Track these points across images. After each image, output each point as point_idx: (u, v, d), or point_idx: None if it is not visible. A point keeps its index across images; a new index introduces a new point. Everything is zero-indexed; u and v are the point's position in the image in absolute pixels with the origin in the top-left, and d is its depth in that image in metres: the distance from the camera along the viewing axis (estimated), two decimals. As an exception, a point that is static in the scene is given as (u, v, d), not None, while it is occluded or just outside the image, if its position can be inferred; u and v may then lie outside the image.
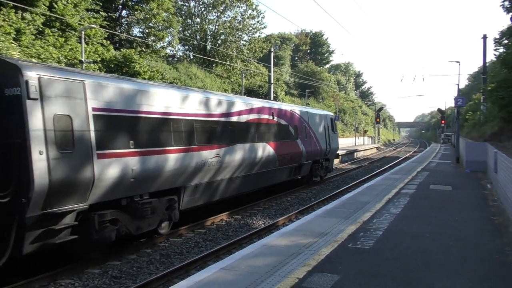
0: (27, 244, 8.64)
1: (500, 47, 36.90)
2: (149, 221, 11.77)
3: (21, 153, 8.46)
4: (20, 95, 8.51)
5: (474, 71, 79.05)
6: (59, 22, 25.21)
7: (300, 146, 21.81)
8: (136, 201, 11.27)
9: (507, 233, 10.04)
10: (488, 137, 28.21)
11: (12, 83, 8.58)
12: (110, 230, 10.38)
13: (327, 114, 27.53)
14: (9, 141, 8.63)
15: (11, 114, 8.64)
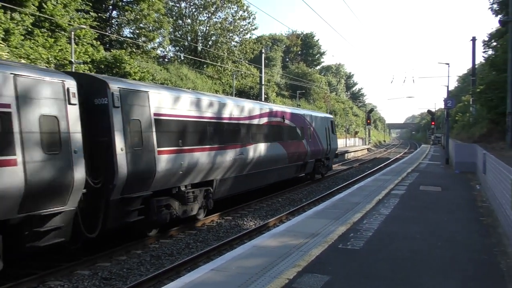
0: (110, 221, 11.06)
1: (489, 49, 37.27)
2: (192, 207, 14.30)
3: (108, 149, 10.95)
4: (107, 104, 11.02)
5: (464, 73, 79.70)
6: (49, 23, 25.05)
7: (306, 146, 24.13)
8: (183, 190, 13.78)
9: (495, 233, 10.13)
10: (477, 139, 28.44)
11: (100, 94, 11.04)
12: (166, 213, 12.93)
13: (328, 116, 30.40)
14: (98, 139, 10.99)
15: (100, 119, 11.03)
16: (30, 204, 8.96)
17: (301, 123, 23.95)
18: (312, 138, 25.33)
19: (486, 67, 29.66)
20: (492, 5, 34.53)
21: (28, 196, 8.84)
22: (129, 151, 11.32)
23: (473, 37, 40.26)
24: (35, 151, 9.09)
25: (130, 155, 11.34)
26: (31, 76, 9.29)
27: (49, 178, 9.32)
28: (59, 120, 9.74)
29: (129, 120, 11.48)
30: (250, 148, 17.78)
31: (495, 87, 22.50)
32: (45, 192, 9.25)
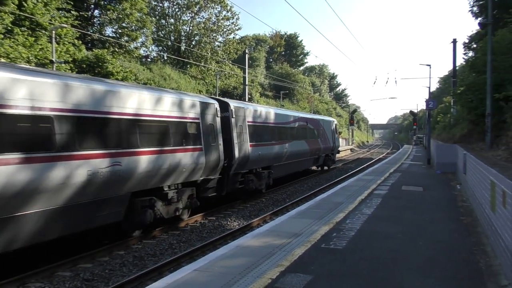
0: (229, 187, 17.88)
1: (469, 51, 37.79)
2: (261, 182, 20.98)
3: (229, 143, 17.55)
4: (228, 116, 17.78)
5: (445, 74, 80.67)
6: (29, 21, 24.68)
7: (320, 143, 31.16)
8: (259, 171, 20.66)
9: (475, 233, 10.29)
10: (458, 139, 28.82)
11: (225, 110, 17.77)
12: (252, 184, 19.74)
13: (333, 120, 38.09)
14: (225, 137, 17.11)
15: (225, 125, 17.36)
16: (206, 173, 15.63)
17: (316, 126, 30.99)
18: (324, 137, 32.35)
19: (466, 69, 30.06)
20: (472, 8, 35.07)
21: (206, 168, 15.45)
22: (238, 144, 18.07)
23: (454, 39, 40.83)
24: (208, 143, 15.57)
25: (238, 146, 18.08)
26: (204, 101, 15.97)
27: (213, 158, 15.87)
28: (214, 126, 16.28)
29: (237, 125, 18.34)
30: (291, 144, 24.87)
31: (475, 89, 22.80)
32: (211, 166, 15.85)
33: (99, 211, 10.97)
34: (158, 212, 13.19)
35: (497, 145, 18.61)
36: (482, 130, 21.57)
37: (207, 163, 15.31)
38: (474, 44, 35.14)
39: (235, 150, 17.66)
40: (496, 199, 8.24)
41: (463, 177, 17.74)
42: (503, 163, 12.98)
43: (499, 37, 20.82)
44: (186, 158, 14.13)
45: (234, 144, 17.67)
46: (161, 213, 13.32)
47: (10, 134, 8.66)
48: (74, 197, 10.00)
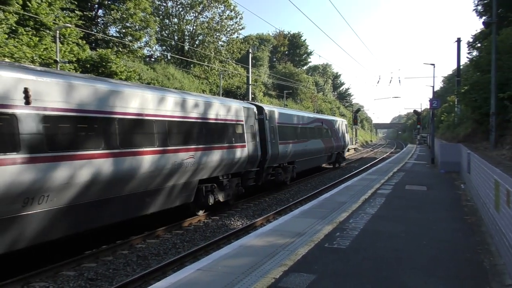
0: (263, 179, 21.02)
1: (473, 51, 37.67)
2: (286, 175, 24.27)
3: (263, 141, 20.65)
4: (263, 118, 20.96)
5: (449, 74, 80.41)
6: (33, 21, 24.74)
7: (333, 142, 34.29)
8: (285, 166, 23.83)
9: (479, 232, 10.26)
10: (462, 138, 28.72)
11: (261, 113, 20.86)
12: (280, 177, 22.89)
13: (344, 120, 41.69)
14: (261, 137, 20.43)
15: (260, 126, 20.65)
16: (248, 166, 18.90)
17: (330, 126, 34.13)
18: (336, 136, 35.49)
19: (471, 68, 29.95)
20: (477, 7, 34.99)
21: (248, 162, 18.73)
22: (270, 142, 21.29)
23: (458, 38, 40.62)
24: (249, 141, 18.87)
25: (271, 144, 21.27)
26: (247, 106, 19.28)
27: (253, 154, 19.11)
28: (253, 126, 19.54)
29: (270, 126, 21.65)
30: (310, 142, 28.37)
31: (479, 88, 22.70)
32: (251, 160, 19.07)
33: (181, 193, 14.23)
34: (216, 196, 16.38)
35: (501, 144, 18.54)
36: (486, 129, 21.48)
37: (249, 157, 18.67)
38: (478, 43, 35.03)
39: (268, 147, 20.99)
40: (500, 199, 8.22)
41: (467, 176, 17.69)
42: (508, 163, 12.93)
43: (504, 36, 20.74)
44: (236, 153, 17.59)
45: (268, 142, 20.98)
46: (218, 197, 16.53)
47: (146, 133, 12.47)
48: (167, 181, 13.25)
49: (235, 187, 18.13)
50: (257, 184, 20.78)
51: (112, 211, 11.31)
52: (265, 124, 21.11)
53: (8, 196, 8.43)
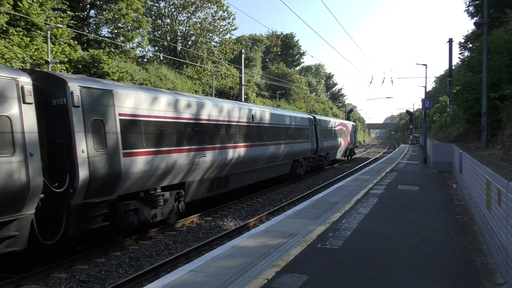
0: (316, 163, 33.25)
1: (465, 51, 37.94)
2: (326, 162, 35.29)
3: (316, 139, 32.12)
4: (316, 124, 32.19)
5: (441, 74, 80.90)
6: (24, 21, 24.58)
7: (348, 140, 45.18)
8: (324, 155, 34.34)
9: (471, 231, 10.31)
10: (454, 138, 28.90)
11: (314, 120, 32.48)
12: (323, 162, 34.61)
13: (354, 124, 53.97)
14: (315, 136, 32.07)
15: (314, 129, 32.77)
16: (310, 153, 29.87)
17: (346, 128, 44.79)
18: (350, 136, 46.63)
19: (462, 69, 30.14)
20: (468, 8, 35.21)
21: (310, 151, 29.94)
22: (320, 139, 31.60)
23: (449, 39, 40.95)
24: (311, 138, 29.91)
25: (320, 141, 31.75)
26: (308, 117, 30.56)
27: (313, 146, 30.25)
28: (312, 129, 30.21)
29: (319, 129, 31.79)
30: (336, 140, 38.96)
31: (471, 88, 22.85)
32: (312, 150, 30.27)
33: (284, 167, 25.58)
34: (301, 170, 28.32)
35: (493, 144, 18.66)
36: (478, 129, 21.62)
37: (311, 149, 30.03)
38: (470, 43, 35.27)
39: (319, 143, 31.96)
40: (492, 198, 8.26)
41: (459, 176, 17.77)
42: (499, 162, 13.00)
43: (495, 37, 20.86)
44: (308, 145, 29.28)
45: (318, 140, 31.86)
46: (301, 171, 28.37)
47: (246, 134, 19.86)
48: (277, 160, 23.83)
49: (306, 166, 29.73)
50: (312, 165, 31.67)
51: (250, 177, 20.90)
52: (317, 128, 31.89)
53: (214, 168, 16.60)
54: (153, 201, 13.10)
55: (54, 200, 10.01)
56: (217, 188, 17.16)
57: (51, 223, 10.22)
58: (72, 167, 10.19)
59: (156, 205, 13.21)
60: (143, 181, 12.49)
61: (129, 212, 12.16)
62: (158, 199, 13.30)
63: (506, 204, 6.69)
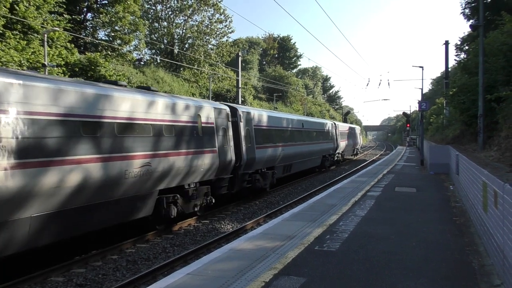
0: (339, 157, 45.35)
1: (461, 53, 38.04)
2: (327, 163, 37.22)
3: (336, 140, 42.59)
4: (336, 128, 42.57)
5: (437, 76, 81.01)
6: (21, 25, 24.55)
7: (355, 140, 55.05)
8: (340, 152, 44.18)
9: (467, 233, 10.33)
10: (451, 140, 28.96)
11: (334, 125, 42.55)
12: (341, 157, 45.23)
13: (359, 127, 64.42)
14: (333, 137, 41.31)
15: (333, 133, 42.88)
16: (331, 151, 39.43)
17: (353, 130, 54.02)
18: (356, 137, 56.77)
19: (459, 71, 30.22)
20: (464, 10, 35.29)
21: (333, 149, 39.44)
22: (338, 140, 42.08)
23: (446, 41, 41.01)
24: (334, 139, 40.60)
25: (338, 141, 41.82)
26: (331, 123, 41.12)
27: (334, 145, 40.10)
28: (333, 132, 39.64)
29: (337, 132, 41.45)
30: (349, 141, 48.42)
31: (467, 90, 22.90)
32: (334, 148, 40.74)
33: (317, 160, 33.26)
34: (327, 163, 36.60)
35: (489, 146, 18.71)
36: (475, 131, 21.68)
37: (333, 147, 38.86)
38: (466, 46, 35.37)
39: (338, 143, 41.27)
40: (488, 200, 8.28)
41: (456, 178, 17.81)
42: (495, 164, 13.04)
43: (491, 39, 20.93)
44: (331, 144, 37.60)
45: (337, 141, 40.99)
46: (327, 164, 36.43)
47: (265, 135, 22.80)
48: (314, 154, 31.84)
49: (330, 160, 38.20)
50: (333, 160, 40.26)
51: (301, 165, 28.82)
52: (336, 131, 40.98)
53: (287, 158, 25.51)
54: (264, 175, 22.01)
55: (234, 170, 18.50)
56: (287, 171, 26.10)
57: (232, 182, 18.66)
58: (240, 153, 18.88)
59: (266, 178, 22.11)
60: (262, 164, 21.58)
61: (256, 179, 20.90)
62: (267, 174, 22.32)
63: (503, 205, 6.71)
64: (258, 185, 20.94)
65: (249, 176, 19.90)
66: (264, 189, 22.02)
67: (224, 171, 17.34)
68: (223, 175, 17.35)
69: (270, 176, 22.62)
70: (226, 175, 17.62)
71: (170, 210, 13.84)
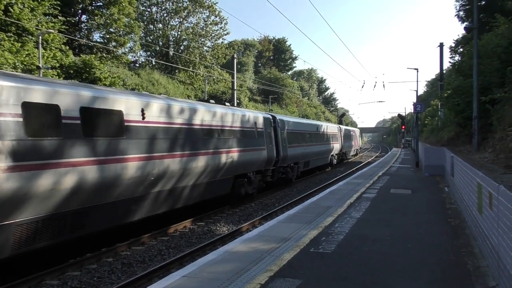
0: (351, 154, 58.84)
1: (455, 55, 38.25)
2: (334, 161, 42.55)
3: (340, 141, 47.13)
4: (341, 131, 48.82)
5: (432, 78, 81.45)
6: (15, 27, 24.48)
7: (355, 142, 60.72)
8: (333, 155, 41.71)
9: (463, 234, 10.35)
10: (446, 142, 29.10)
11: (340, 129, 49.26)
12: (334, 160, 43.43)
13: (358, 130, 71.47)
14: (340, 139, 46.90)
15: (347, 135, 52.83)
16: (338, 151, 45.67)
17: (354, 134, 60.11)
18: (357, 139, 63.56)
19: (453, 73, 30.38)
20: (459, 12, 35.51)
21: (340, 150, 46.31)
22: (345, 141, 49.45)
23: (440, 43, 41.26)
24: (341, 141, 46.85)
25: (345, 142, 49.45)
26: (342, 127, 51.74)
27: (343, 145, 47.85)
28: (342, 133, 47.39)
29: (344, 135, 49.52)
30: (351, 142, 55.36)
31: (462, 92, 23.04)
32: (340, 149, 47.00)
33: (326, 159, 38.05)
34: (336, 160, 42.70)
35: (484, 147, 18.80)
36: (469, 132, 21.79)
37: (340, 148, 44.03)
38: (460, 48, 35.56)
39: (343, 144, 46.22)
40: (483, 201, 8.31)
41: (451, 179, 17.86)
42: (490, 166, 13.11)
43: (485, 41, 21.07)
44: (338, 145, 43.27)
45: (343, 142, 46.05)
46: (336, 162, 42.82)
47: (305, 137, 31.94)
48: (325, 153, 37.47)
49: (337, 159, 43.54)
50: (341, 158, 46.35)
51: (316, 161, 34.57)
52: (342, 134, 46.17)
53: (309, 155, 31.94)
54: (292, 168, 27.11)
55: (274, 164, 23.33)
56: (306, 166, 31.29)
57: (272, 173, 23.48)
58: (278, 151, 23.82)
59: (293, 170, 27.42)
60: (291, 160, 26.60)
61: (287, 171, 26.02)
62: (294, 167, 27.69)
63: (497, 207, 6.73)
64: (289, 176, 26.71)
65: (283, 169, 25.55)
66: (291, 179, 27.56)
67: (270, 164, 22.84)
68: (269, 167, 22.90)
69: (296, 170, 28.26)
70: (270, 167, 23.08)
71: (241, 190, 19.40)
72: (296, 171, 28.36)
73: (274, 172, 23.80)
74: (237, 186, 19.10)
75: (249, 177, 20.09)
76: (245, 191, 19.76)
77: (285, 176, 25.96)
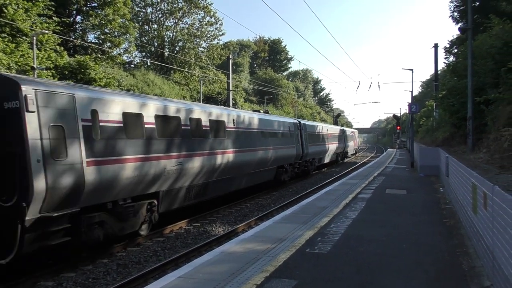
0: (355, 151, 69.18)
1: (450, 56, 38.47)
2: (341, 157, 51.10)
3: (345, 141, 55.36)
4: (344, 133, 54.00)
5: (427, 79, 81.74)
6: (9, 27, 24.37)
7: (355, 143, 67.22)
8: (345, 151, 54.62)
9: (457, 235, 10.39)
10: (440, 142, 29.21)
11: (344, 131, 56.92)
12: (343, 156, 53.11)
13: (356, 131, 77.46)
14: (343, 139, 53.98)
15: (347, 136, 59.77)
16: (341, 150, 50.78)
17: (354, 134, 64.40)
18: (356, 140, 68.83)
19: (448, 73, 30.50)
20: (453, 13, 35.69)
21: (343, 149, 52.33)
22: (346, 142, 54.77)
23: (435, 44, 41.45)
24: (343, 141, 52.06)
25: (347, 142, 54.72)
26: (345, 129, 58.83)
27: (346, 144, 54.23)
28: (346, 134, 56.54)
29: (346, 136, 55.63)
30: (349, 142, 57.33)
31: (456, 93, 23.13)
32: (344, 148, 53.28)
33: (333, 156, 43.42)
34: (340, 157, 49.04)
35: (478, 147, 18.89)
36: (464, 133, 21.88)
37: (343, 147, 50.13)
38: (455, 48, 35.74)
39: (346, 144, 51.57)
40: (478, 201, 8.34)
41: (445, 179, 17.92)
42: (485, 166, 13.18)
43: (479, 42, 21.17)
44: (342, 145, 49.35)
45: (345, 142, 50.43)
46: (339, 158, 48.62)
47: None
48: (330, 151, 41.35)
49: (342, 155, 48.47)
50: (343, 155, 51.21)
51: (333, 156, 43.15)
52: (344, 134, 50.36)
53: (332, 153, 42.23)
54: (310, 163, 32.87)
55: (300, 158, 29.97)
56: (319, 162, 36.54)
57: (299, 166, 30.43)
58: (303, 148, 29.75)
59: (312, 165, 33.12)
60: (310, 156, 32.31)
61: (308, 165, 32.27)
62: (313, 162, 33.10)
63: (492, 207, 6.76)
64: (310, 168, 32.64)
65: (305, 163, 31.00)
66: (309, 171, 33.04)
67: (298, 158, 28.54)
68: (297, 161, 28.60)
69: (314, 164, 34.25)
70: (298, 161, 28.86)
71: (281, 177, 25.74)
72: (314, 166, 34.64)
73: (300, 165, 30.04)
74: (279, 174, 25.50)
75: (286, 168, 26.33)
76: (283, 178, 26.06)
77: (306, 169, 31.95)
